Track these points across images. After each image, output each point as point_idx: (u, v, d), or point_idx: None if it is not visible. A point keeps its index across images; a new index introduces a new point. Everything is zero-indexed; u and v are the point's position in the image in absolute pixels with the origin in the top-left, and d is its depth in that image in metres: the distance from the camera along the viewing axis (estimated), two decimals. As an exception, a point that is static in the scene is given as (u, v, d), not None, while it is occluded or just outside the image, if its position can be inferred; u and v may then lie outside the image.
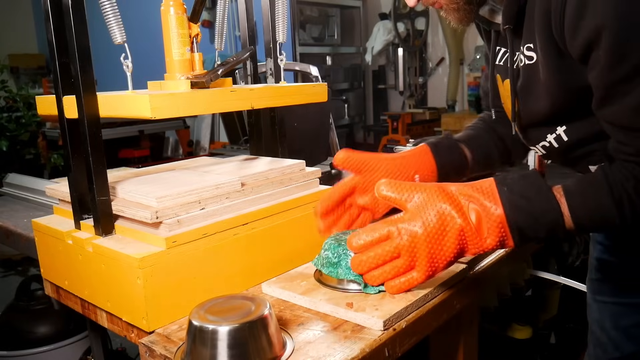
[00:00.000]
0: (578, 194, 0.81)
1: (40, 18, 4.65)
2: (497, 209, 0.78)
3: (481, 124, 1.24)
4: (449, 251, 0.79)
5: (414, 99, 5.31)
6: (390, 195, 0.82)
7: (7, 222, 1.49)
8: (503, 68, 1.03)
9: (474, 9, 0.94)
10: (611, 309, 1.16)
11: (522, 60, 0.94)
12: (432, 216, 0.79)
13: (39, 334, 2.10)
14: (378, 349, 0.78)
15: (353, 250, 0.85)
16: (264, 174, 1.05)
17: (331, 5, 5.35)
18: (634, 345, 1.13)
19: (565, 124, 0.95)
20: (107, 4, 0.86)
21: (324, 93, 1.16)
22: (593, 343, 1.21)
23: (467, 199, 0.80)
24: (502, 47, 1.02)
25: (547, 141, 0.99)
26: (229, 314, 0.74)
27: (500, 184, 0.81)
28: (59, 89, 0.94)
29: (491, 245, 0.80)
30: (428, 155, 1.09)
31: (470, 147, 1.17)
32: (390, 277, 0.82)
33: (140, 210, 0.88)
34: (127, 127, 4.27)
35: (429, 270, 0.81)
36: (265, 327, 0.74)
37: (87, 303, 1.01)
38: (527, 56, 0.93)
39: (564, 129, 0.95)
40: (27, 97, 4.65)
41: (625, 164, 0.81)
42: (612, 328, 1.15)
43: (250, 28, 1.24)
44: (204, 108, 0.93)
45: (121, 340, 2.36)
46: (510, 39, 0.94)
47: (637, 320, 1.12)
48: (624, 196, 0.79)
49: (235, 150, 3.27)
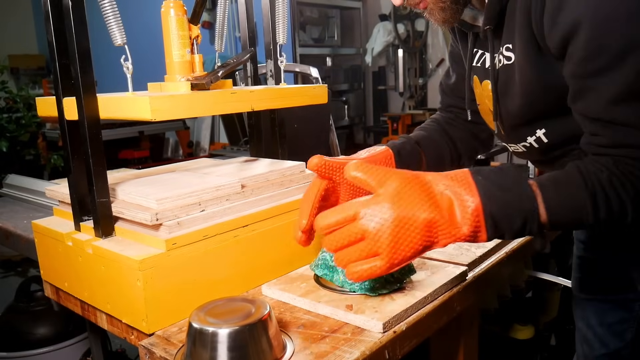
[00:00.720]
0: (552, 187, 0.79)
1: (40, 18, 4.65)
2: (473, 198, 0.76)
3: (434, 125, 1.24)
4: (414, 241, 0.75)
5: (414, 100, 5.31)
6: (360, 177, 0.78)
7: (7, 223, 1.49)
8: (481, 69, 1.04)
9: (460, 9, 0.95)
10: (596, 306, 1.17)
11: (500, 61, 0.96)
12: (402, 203, 0.75)
13: (39, 335, 2.10)
14: (378, 351, 0.78)
15: (319, 230, 0.80)
16: (264, 175, 1.05)
17: (331, 6, 5.35)
18: (619, 341, 1.14)
19: (544, 127, 0.96)
20: (107, 6, 0.86)
21: (324, 95, 1.16)
22: (580, 341, 1.23)
23: (443, 187, 0.78)
24: (479, 49, 1.04)
25: (528, 142, 1.00)
26: (229, 316, 0.74)
27: (475, 174, 0.79)
28: (59, 90, 0.94)
29: (465, 235, 0.77)
30: (391, 161, 1.08)
31: (424, 148, 1.17)
32: (353, 259, 0.76)
33: (140, 212, 0.87)
34: (127, 128, 4.27)
35: (392, 259, 0.75)
36: (265, 329, 0.74)
37: (87, 305, 1.01)
38: (506, 56, 0.94)
39: (543, 132, 0.96)
40: (27, 98, 4.64)
41: (598, 157, 0.81)
42: (598, 325, 1.17)
43: (250, 29, 1.24)
44: (204, 110, 0.93)
45: (121, 341, 2.36)
46: (491, 40, 0.95)
47: (622, 317, 1.13)
48: (598, 188, 0.77)
49: (235, 151, 3.27)
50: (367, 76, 5.74)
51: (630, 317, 1.12)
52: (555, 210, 0.78)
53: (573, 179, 0.80)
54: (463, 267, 1.00)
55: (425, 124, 1.26)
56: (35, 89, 6.12)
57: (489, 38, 0.95)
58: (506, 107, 0.98)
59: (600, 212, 0.77)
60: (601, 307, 1.16)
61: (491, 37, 0.95)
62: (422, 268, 1.00)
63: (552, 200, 0.78)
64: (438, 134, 1.22)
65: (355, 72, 5.62)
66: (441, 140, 1.21)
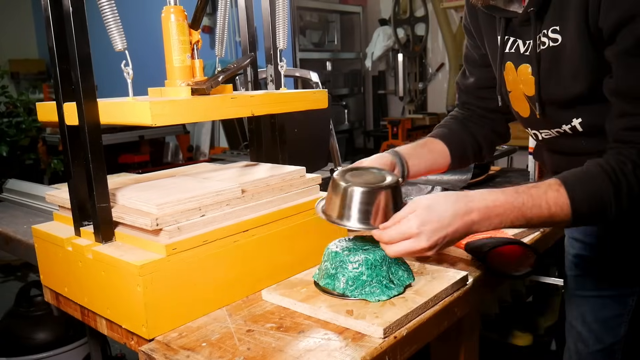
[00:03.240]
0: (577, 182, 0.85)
1: (40, 23, 4.64)
2: None
3: (454, 121, 1.29)
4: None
5: (413, 104, 5.31)
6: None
7: (6, 228, 1.49)
8: (515, 55, 1.06)
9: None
10: (592, 303, 1.18)
11: (544, 43, 0.98)
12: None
13: (39, 340, 2.09)
14: (379, 357, 0.78)
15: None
16: (265, 180, 1.05)
17: (331, 11, 5.35)
18: (613, 336, 1.17)
19: (580, 116, 0.99)
20: (107, 11, 0.86)
21: (324, 99, 1.16)
22: (573, 338, 1.24)
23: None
24: (511, 37, 1.06)
25: (562, 129, 1.03)
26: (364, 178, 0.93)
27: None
28: (59, 95, 0.94)
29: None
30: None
31: (448, 144, 1.22)
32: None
33: (141, 217, 0.87)
34: (127, 133, 4.26)
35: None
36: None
37: (87, 310, 1.01)
38: (552, 38, 0.96)
39: (579, 121, 0.99)
40: (27, 103, 4.65)
41: (622, 148, 0.85)
42: (593, 321, 1.18)
43: (250, 34, 1.24)
44: (204, 115, 0.93)
45: (120, 346, 2.36)
46: (534, 22, 0.98)
47: (617, 312, 1.15)
48: (622, 180, 0.82)
49: (235, 156, 3.26)
50: (367, 80, 5.74)
51: (625, 312, 1.15)
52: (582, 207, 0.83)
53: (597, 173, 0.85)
54: (463, 272, 1.00)
55: (445, 122, 1.31)
56: (36, 94, 6.11)
57: (532, 20, 0.97)
58: (548, 90, 1.01)
59: (622, 205, 0.82)
60: (597, 303, 1.18)
61: (534, 19, 0.97)
62: (423, 273, 1.00)
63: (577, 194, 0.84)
64: (459, 129, 1.26)
65: (355, 77, 5.62)
66: (463, 134, 1.25)
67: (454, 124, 1.28)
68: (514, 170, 1.96)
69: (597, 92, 0.93)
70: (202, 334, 0.85)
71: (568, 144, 1.05)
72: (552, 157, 1.13)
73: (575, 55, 0.93)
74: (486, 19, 1.12)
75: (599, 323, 1.18)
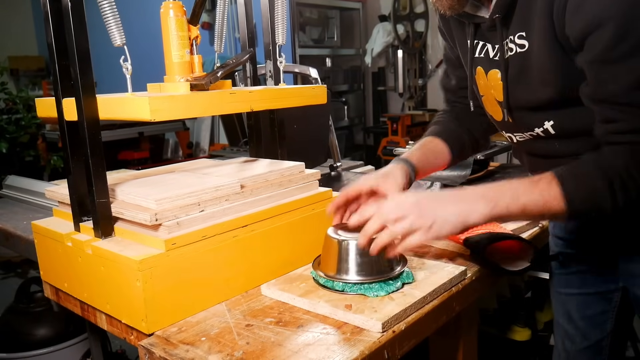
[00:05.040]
0: (571, 177, 0.85)
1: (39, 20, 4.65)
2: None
3: (447, 117, 1.29)
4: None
5: (413, 100, 5.30)
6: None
7: (6, 224, 1.49)
8: (485, 60, 1.05)
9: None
10: (577, 300, 1.19)
11: (512, 49, 0.97)
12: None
13: (39, 336, 2.09)
14: (377, 351, 0.78)
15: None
16: (264, 176, 1.05)
17: (331, 7, 5.34)
18: (599, 332, 1.18)
19: (552, 119, 0.98)
20: (106, 7, 0.86)
21: (324, 95, 1.16)
22: (561, 336, 1.25)
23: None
24: (480, 41, 1.05)
25: (535, 132, 1.02)
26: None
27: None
28: (58, 91, 0.94)
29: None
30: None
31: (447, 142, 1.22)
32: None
33: (140, 213, 0.88)
34: (126, 129, 4.26)
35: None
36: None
37: (87, 305, 1.01)
38: (519, 44, 0.95)
39: (551, 124, 0.98)
40: (26, 99, 4.64)
41: (614, 147, 0.84)
42: (580, 319, 1.20)
43: (249, 30, 1.24)
44: (203, 110, 0.93)
45: (121, 342, 2.36)
46: (500, 28, 0.97)
47: (603, 308, 1.16)
48: (615, 176, 0.82)
49: (234, 152, 3.26)
50: (366, 77, 5.73)
51: (610, 308, 1.16)
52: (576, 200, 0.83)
53: (590, 168, 0.84)
54: (462, 267, 1.00)
55: (439, 118, 1.30)
56: (35, 90, 6.11)
57: (498, 27, 0.97)
58: (516, 95, 1.00)
59: (617, 201, 0.82)
60: (583, 301, 1.19)
61: (500, 26, 0.96)
62: (422, 268, 1.00)
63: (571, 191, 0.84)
64: (455, 125, 1.26)
65: (355, 73, 5.61)
66: (459, 130, 1.25)
67: (448, 120, 1.27)
68: (514, 166, 1.96)
69: (568, 96, 0.92)
70: (201, 328, 0.86)
71: (543, 147, 1.04)
72: (530, 159, 1.12)
73: (542, 61, 0.91)
74: (457, 23, 1.11)
75: (585, 320, 1.19)
